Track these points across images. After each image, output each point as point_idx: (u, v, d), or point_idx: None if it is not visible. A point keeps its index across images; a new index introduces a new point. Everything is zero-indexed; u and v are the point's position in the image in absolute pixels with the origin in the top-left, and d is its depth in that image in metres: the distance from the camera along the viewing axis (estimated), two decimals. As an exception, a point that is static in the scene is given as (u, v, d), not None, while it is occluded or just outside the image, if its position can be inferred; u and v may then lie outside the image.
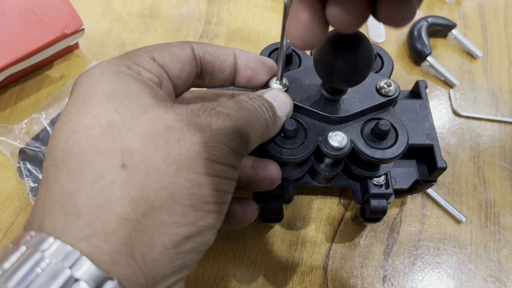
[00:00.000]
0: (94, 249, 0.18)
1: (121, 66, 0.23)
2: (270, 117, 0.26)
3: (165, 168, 0.20)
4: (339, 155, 0.29)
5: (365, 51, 0.25)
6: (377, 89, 0.31)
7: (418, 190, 0.37)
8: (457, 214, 0.40)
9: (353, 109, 0.30)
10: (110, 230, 0.18)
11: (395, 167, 0.36)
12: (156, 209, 0.19)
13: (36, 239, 0.18)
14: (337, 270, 0.37)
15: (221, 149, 0.21)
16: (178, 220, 0.20)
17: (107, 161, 0.19)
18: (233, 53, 0.28)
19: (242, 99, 0.25)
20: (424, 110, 0.36)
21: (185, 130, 0.21)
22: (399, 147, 0.29)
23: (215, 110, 0.22)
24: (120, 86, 0.22)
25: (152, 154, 0.20)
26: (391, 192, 0.33)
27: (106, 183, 0.19)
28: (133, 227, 0.19)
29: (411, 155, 0.36)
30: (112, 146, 0.20)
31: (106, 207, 0.19)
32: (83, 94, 0.22)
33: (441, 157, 0.33)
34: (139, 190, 0.19)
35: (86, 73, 0.23)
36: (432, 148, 0.34)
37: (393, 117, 0.31)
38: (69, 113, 0.21)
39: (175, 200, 0.20)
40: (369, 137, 0.30)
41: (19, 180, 0.39)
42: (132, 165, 0.19)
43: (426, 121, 0.35)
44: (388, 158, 0.29)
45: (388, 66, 0.34)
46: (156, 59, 0.25)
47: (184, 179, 0.20)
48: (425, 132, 0.34)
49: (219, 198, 0.21)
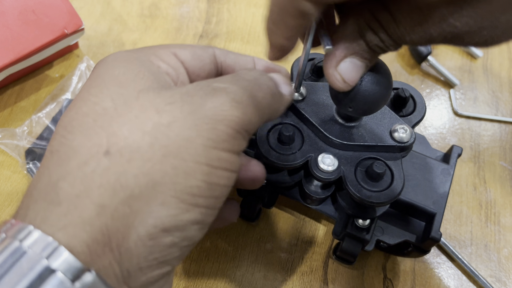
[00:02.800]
0: (72, 238, 0.18)
1: (137, 54, 0.23)
2: (273, 85, 0.24)
3: (150, 154, 0.19)
4: (324, 178, 0.28)
5: (375, 80, 0.24)
6: (391, 131, 0.29)
7: (408, 255, 0.35)
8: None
9: (358, 141, 0.29)
10: (87, 218, 0.18)
11: (389, 220, 0.33)
12: (134, 196, 0.18)
13: (16, 228, 0.18)
14: (337, 270, 0.37)
15: (218, 130, 0.20)
16: (157, 210, 0.19)
17: (93, 148, 0.19)
18: (253, 60, 0.28)
19: (240, 71, 0.24)
20: (445, 176, 0.33)
21: (177, 113, 0.19)
22: (387, 195, 0.27)
23: (210, 86, 0.21)
24: (124, 71, 0.21)
25: (139, 139, 0.19)
26: (368, 240, 0.31)
27: (88, 170, 0.19)
28: (110, 215, 0.18)
29: (412, 214, 0.33)
30: (100, 132, 0.19)
31: (84, 195, 0.18)
32: (91, 81, 0.22)
33: (439, 229, 0.31)
34: (119, 177, 0.18)
35: (102, 60, 0.23)
36: (433, 216, 0.31)
37: (396, 165, 0.29)
38: (75, 100, 0.21)
39: (155, 189, 0.19)
40: (362, 173, 0.28)
41: (19, 180, 0.39)
42: (115, 151, 0.19)
43: (442, 188, 0.32)
44: (370, 201, 0.27)
45: (418, 114, 0.32)
46: (177, 54, 0.24)
47: (170, 166, 0.19)
48: (434, 198, 0.32)
49: (210, 191, 0.20)
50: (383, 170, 0.27)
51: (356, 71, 0.23)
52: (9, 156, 0.40)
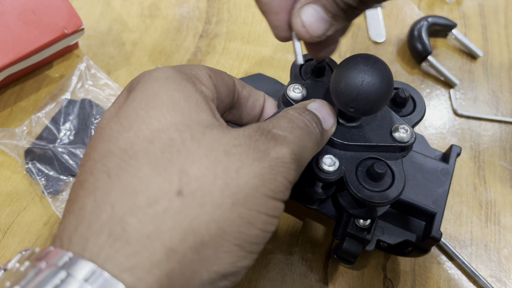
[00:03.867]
0: (137, 281, 0.17)
1: (183, 75, 0.23)
2: (319, 132, 0.25)
3: (221, 200, 0.19)
4: (325, 179, 0.28)
5: (376, 80, 0.24)
6: (391, 130, 0.29)
7: (408, 255, 0.35)
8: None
9: (359, 141, 0.29)
10: (156, 261, 0.17)
11: (389, 220, 0.33)
12: (204, 243, 0.18)
13: (77, 263, 0.17)
14: (337, 270, 0.37)
15: (278, 182, 0.20)
16: (222, 257, 0.19)
17: (164, 184, 0.18)
18: (264, 95, 0.30)
19: (292, 116, 0.24)
20: (445, 176, 0.33)
21: (244, 158, 0.20)
22: (388, 195, 0.27)
23: (271, 133, 0.22)
24: (182, 97, 0.21)
25: (210, 182, 0.19)
26: (369, 240, 0.31)
27: (160, 209, 0.18)
28: (179, 260, 0.18)
29: (412, 214, 0.33)
30: (171, 168, 0.19)
31: (155, 236, 0.18)
32: (146, 99, 0.21)
33: (439, 228, 0.31)
34: (191, 222, 0.18)
35: (149, 75, 0.22)
36: (434, 215, 0.31)
37: (397, 165, 0.29)
38: (129, 116, 0.20)
39: (223, 237, 0.19)
40: (362, 173, 0.28)
41: (19, 180, 0.39)
42: (188, 193, 0.18)
43: (441, 187, 0.33)
44: (371, 201, 0.27)
45: (417, 114, 0.32)
46: (212, 78, 0.25)
47: (237, 215, 0.19)
48: (434, 197, 0.32)
49: (264, 238, 0.21)
50: (384, 170, 0.27)
51: (318, 22, 0.24)
52: (8, 156, 0.40)
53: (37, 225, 0.37)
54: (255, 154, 0.20)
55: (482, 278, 0.37)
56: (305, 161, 0.23)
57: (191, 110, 0.21)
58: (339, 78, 0.25)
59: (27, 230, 0.37)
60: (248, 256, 0.20)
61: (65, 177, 0.39)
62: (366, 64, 0.24)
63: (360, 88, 0.24)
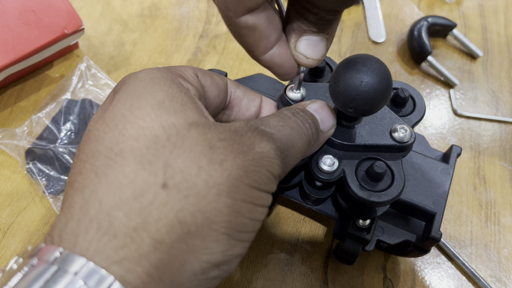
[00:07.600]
0: (126, 273, 0.17)
1: (168, 75, 0.23)
2: (313, 133, 0.25)
3: (206, 191, 0.19)
4: (325, 179, 0.28)
5: (375, 80, 0.24)
6: (391, 130, 0.29)
7: (408, 255, 0.35)
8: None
9: (358, 141, 0.29)
10: (144, 253, 0.18)
11: (389, 220, 0.33)
12: (191, 234, 0.19)
13: (67, 258, 0.17)
14: (337, 270, 0.37)
15: (262, 174, 0.21)
16: (211, 247, 0.19)
17: (149, 178, 0.19)
18: (260, 97, 0.30)
19: (285, 115, 0.24)
20: (445, 176, 0.33)
21: (228, 151, 0.20)
22: (387, 195, 0.27)
23: (258, 129, 0.22)
24: (167, 97, 0.22)
25: (194, 174, 0.19)
26: (369, 240, 0.31)
27: (146, 202, 0.19)
28: (167, 250, 0.18)
29: (412, 214, 0.33)
30: (155, 162, 0.19)
31: (142, 229, 0.18)
32: (131, 100, 0.21)
33: (439, 228, 0.31)
34: (177, 213, 0.19)
35: (134, 76, 0.23)
36: (433, 216, 0.31)
37: (397, 165, 0.29)
38: (115, 117, 0.21)
39: (211, 227, 0.19)
40: (362, 173, 0.28)
41: (19, 180, 0.39)
42: (173, 185, 0.19)
43: (441, 187, 0.33)
44: (371, 201, 0.27)
45: (417, 114, 0.32)
46: (199, 77, 0.25)
47: (223, 204, 0.20)
48: (434, 197, 0.32)
49: (252, 226, 0.21)
50: (384, 170, 0.27)
51: (314, 45, 0.25)
52: (9, 156, 0.40)
53: (37, 225, 0.37)
54: (240, 148, 0.21)
55: (481, 278, 0.37)
56: (291, 160, 0.23)
57: (176, 109, 0.21)
58: (338, 78, 0.25)
59: (27, 230, 0.37)
60: (238, 244, 0.20)
61: (66, 177, 0.39)
62: (364, 65, 0.24)
63: (359, 88, 0.24)
